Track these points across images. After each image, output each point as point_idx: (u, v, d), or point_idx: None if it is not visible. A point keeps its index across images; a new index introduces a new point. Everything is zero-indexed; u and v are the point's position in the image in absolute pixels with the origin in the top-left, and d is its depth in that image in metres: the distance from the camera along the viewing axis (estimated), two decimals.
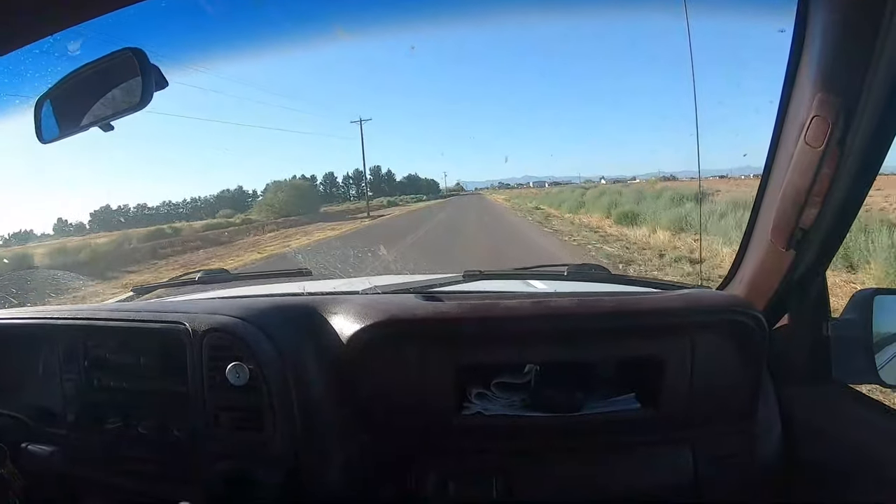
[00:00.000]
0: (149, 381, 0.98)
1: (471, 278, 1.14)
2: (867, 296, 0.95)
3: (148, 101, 0.75)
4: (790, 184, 0.78)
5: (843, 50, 0.69)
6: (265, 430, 0.88)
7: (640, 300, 0.92)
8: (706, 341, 0.88)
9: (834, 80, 0.70)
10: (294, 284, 1.30)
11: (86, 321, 1.03)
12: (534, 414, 0.90)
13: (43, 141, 0.97)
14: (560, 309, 0.90)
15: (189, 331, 0.91)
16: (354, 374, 0.91)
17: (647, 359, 0.90)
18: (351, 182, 28.94)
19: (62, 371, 1.05)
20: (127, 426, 0.99)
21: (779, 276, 0.88)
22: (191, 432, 0.93)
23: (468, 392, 0.93)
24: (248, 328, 0.89)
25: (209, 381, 0.90)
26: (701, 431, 0.91)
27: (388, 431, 0.93)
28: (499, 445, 0.91)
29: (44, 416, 1.06)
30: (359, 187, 27.93)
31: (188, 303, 1.11)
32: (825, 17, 0.70)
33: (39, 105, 0.95)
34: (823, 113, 0.70)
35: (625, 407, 0.90)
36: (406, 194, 27.14)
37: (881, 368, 0.92)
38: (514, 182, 29.21)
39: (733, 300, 0.92)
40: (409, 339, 0.90)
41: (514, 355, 0.91)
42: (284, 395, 0.87)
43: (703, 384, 0.88)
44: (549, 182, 27.48)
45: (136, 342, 0.99)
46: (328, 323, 0.94)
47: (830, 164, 0.72)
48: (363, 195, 25.67)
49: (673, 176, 17.69)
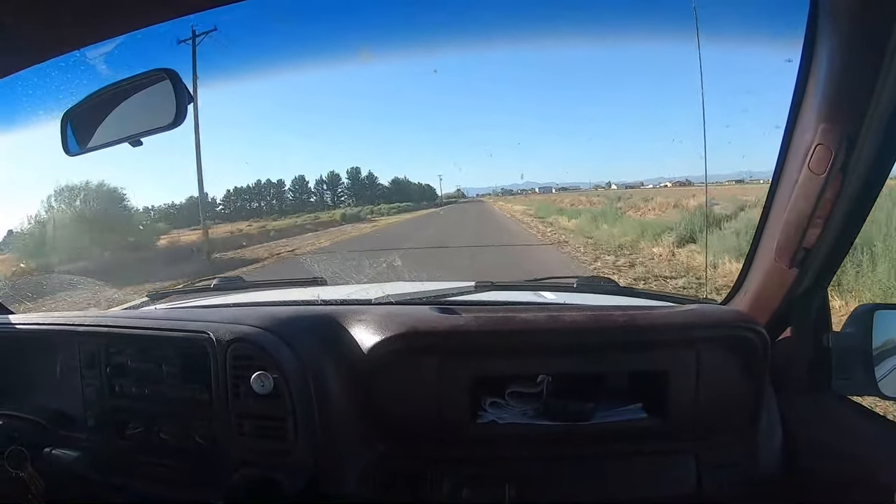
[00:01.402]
0: (170, 389, 1.00)
1: (482, 289, 1.17)
2: (868, 310, 0.98)
3: (181, 122, 0.78)
4: (794, 207, 0.81)
5: (847, 81, 0.72)
6: (287, 439, 0.90)
7: (650, 315, 0.95)
8: (711, 355, 0.91)
9: (838, 109, 0.74)
10: (307, 291, 1.33)
11: (108, 328, 1.06)
12: (546, 423, 0.93)
13: (69, 153, 0.99)
14: (575, 323, 0.93)
15: (213, 340, 0.93)
16: (373, 384, 0.94)
17: (654, 371, 0.93)
18: (325, 187, 24.31)
19: (84, 376, 1.07)
20: (148, 432, 1.01)
21: (782, 291, 0.91)
22: (213, 439, 0.96)
23: (482, 401, 0.96)
24: (271, 338, 0.92)
25: (233, 390, 0.92)
26: (705, 441, 0.94)
27: (405, 440, 0.95)
28: (511, 453, 0.94)
29: (65, 420, 1.08)
30: (335, 193, 23.81)
31: (208, 311, 1.13)
32: (830, 50, 0.73)
33: (65, 119, 0.98)
34: (827, 141, 0.74)
35: (632, 417, 0.93)
36: (392, 202, 22.71)
37: (881, 381, 0.95)
38: (517, 188, 27.49)
39: (737, 315, 0.96)
40: (427, 352, 0.93)
41: (529, 367, 0.94)
42: (306, 404, 0.90)
43: (708, 396, 0.92)
44: (556, 188, 24.83)
45: (159, 350, 1.01)
46: (348, 333, 0.97)
47: (833, 189, 0.76)
48: (340, 202, 22.25)
49: (688, 180, 16.86)
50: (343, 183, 24.16)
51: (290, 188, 24.41)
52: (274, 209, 22.05)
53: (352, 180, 24.88)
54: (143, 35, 0.88)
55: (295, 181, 24.55)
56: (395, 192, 24.34)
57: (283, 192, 23.87)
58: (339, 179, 24.10)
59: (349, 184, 24.39)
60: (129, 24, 0.86)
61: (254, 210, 21.92)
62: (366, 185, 24.81)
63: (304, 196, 24.02)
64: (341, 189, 24.02)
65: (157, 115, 0.81)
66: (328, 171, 24.50)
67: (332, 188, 23.90)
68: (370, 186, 24.76)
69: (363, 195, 23.81)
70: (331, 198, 23.76)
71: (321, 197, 23.99)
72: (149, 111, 0.82)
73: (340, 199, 23.39)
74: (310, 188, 24.35)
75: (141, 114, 0.83)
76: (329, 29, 2.46)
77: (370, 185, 24.96)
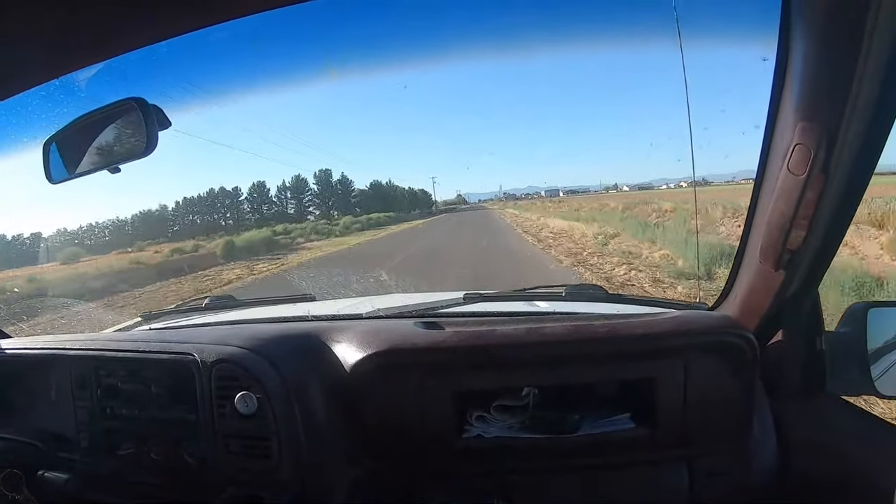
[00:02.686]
0: (159, 410, 1.01)
1: (471, 300, 1.17)
2: (861, 309, 0.96)
3: (152, 150, 0.78)
4: (775, 209, 0.79)
5: (823, 79, 0.70)
6: (272, 457, 0.91)
7: (632, 324, 0.94)
8: (699, 362, 0.90)
9: (815, 108, 0.72)
10: (298, 307, 1.33)
11: (98, 351, 1.07)
12: (532, 435, 0.93)
13: (52, 181, 1.00)
14: (554, 336, 0.93)
15: (198, 361, 0.94)
16: (357, 401, 0.94)
17: (641, 380, 0.92)
18: (289, 195, 20.11)
19: (76, 399, 1.08)
20: (139, 452, 1.02)
21: (770, 295, 0.90)
22: (202, 458, 0.97)
23: (468, 415, 0.95)
24: (255, 358, 0.92)
25: (218, 410, 0.93)
26: (696, 449, 0.93)
27: (392, 456, 0.95)
28: (499, 466, 0.94)
29: (59, 442, 1.09)
30: (300, 202, 19.69)
31: (196, 332, 1.14)
32: (805, 47, 0.71)
33: (47, 146, 0.99)
34: (805, 141, 0.72)
35: (620, 427, 0.92)
36: (372, 211, 18.69)
37: (877, 379, 0.93)
38: (520, 192, 24.25)
39: (725, 321, 0.94)
40: (408, 368, 0.93)
41: (511, 380, 0.94)
42: (291, 423, 0.90)
43: (697, 403, 0.90)
44: (564, 191, 22.85)
45: (147, 372, 1.02)
46: (331, 351, 0.97)
47: (814, 189, 0.74)
48: (306, 212, 18.27)
49: (705, 180, 15.83)
50: (311, 189, 20.08)
51: (248, 197, 20.29)
52: (235, 221, 18.38)
53: (321, 186, 20.53)
54: (118, 62, 0.89)
55: (254, 189, 20.41)
56: (375, 198, 20.03)
57: (239, 202, 20.00)
58: (305, 185, 20.00)
59: (318, 190, 20.27)
60: (105, 51, 0.87)
61: (193, 227, 17.59)
62: (338, 191, 20.35)
63: (265, 207, 19.78)
64: (309, 197, 19.91)
65: (131, 143, 0.81)
66: (293, 176, 20.33)
67: (298, 196, 19.87)
68: (343, 193, 20.36)
69: (340, 204, 19.58)
70: (296, 207, 19.80)
71: (284, 206, 19.86)
72: (123, 139, 0.82)
73: (308, 209, 19.43)
74: (271, 197, 20.22)
75: (116, 142, 0.84)
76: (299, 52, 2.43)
77: (343, 192, 20.46)
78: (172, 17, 0.75)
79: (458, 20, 1.53)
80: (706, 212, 9.63)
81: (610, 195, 19.22)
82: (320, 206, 20.41)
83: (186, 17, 0.75)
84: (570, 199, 20.02)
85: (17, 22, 0.71)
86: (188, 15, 0.75)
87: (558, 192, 22.75)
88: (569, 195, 21.59)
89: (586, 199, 18.93)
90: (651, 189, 18.55)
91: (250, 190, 21.12)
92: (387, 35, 1.70)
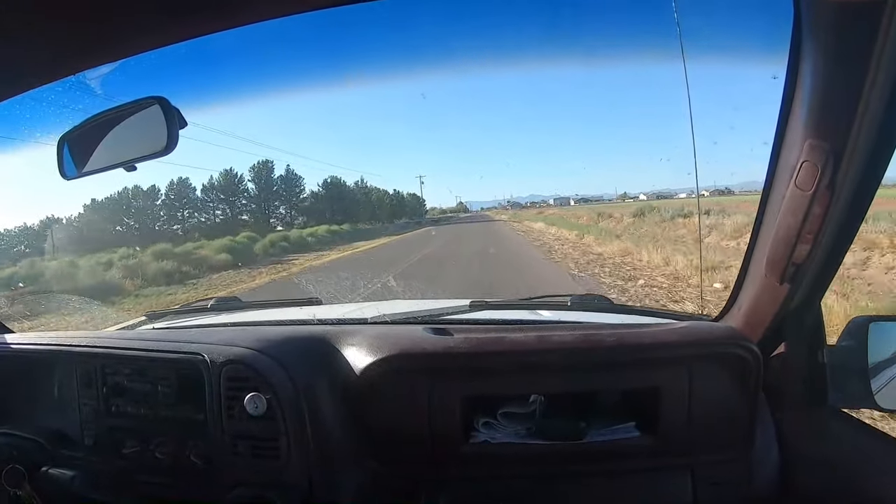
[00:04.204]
0: (166, 409, 1.01)
1: (477, 308, 1.18)
2: (862, 323, 0.98)
3: (173, 148, 0.79)
4: (782, 223, 0.81)
5: (831, 98, 0.72)
6: (281, 458, 0.91)
7: (640, 334, 0.95)
8: (703, 372, 0.91)
9: (823, 126, 0.74)
10: (304, 310, 1.33)
11: (104, 349, 1.07)
12: (538, 442, 0.93)
13: (66, 177, 1.00)
14: (563, 344, 0.94)
15: (207, 362, 0.94)
16: (365, 405, 0.95)
17: (646, 389, 0.93)
18: (218, 195, 14.64)
19: (80, 396, 1.08)
20: (144, 451, 1.02)
21: (774, 307, 0.91)
22: (208, 458, 0.96)
23: (475, 421, 0.96)
24: (265, 360, 0.93)
25: (227, 411, 0.93)
26: (699, 458, 0.94)
27: (399, 459, 0.96)
28: (505, 472, 0.94)
29: (63, 439, 1.09)
30: (232, 205, 14.32)
31: (204, 332, 1.14)
32: (814, 66, 0.73)
33: (61, 143, 0.99)
34: (813, 158, 0.74)
35: (625, 435, 0.93)
36: (326, 221, 13.89)
37: (877, 393, 0.95)
38: (525, 200, 21.77)
39: (729, 333, 0.95)
40: (418, 372, 0.93)
41: (519, 387, 0.95)
42: (300, 424, 0.90)
43: (701, 413, 0.91)
44: (576, 199, 20.37)
45: (154, 371, 1.02)
46: (340, 354, 0.98)
47: (821, 205, 0.76)
48: (237, 216, 13.72)
49: (728, 189, 14.87)
50: (247, 190, 14.00)
51: (165, 200, 14.03)
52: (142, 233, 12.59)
53: (257, 182, 14.35)
54: (136, 61, 0.90)
55: (173, 186, 13.92)
56: (332, 202, 13.82)
57: (156, 205, 13.87)
58: (241, 183, 13.91)
59: (254, 191, 14.24)
60: (124, 50, 0.88)
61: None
62: (280, 193, 14.31)
63: (187, 212, 13.83)
64: (244, 200, 13.85)
65: (150, 142, 0.82)
66: (222, 170, 14.11)
67: (230, 198, 13.95)
68: (285, 194, 14.08)
69: (279, 210, 12.98)
70: (227, 209, 13.79)
71: (212, 212, 14.02)
72: (142, 137, 0.83)
73: (237, 213, 13.43)
74: (197, 196, 13.92)
75: (134, 140, 0.84)
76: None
77: (286, 192, 14.17)
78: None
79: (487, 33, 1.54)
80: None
81: (626, 204, 17.56)
82: (255, 212, 15.11)
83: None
84: (573, 208, 17.94)
85: (19, 22, 0.72)
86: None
87: (569, 201, 20.98)
88: (581, 203, 19.77)
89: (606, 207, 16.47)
90: (670, 198, 17.42)
91: (169, 190, 15.25)
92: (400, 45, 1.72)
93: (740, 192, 13.36)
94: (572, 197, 21.69)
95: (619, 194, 21.10)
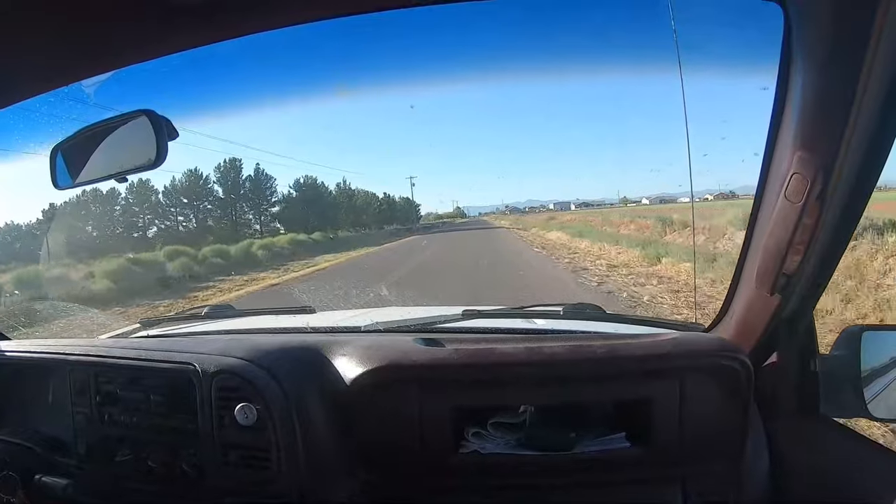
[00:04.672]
0: (158, 418, 1.01)
1: (469, 316, 1.18)
2: (856, 332, 0.97)
3: (163, 161, 0.79)
4: (772, 235, 0.81)
5: (821, 111, 0.72)
6: (271, 469, 0.91)
7: (631, 345, 0.95)
8: (694, 384, 0.91)
9: (813, 139, 0.73)
10: (297, 318, 1.33)
11: (97, 358, 1.07)
12: (529, 453, 0.93)
13: (58, 187, 1.01)
14: (554, 355, 0.94)
15: (198, 371, 0.94)
16: (356, 415, 0.95)
17: (637, 400, 0.93)
18: (180, 199, 12.57)
19: (74, 404, 1.08)
20: (137, 460, 1.02)
21: (766, 317, 0.91)
22: (199, 468, 0.97)
23: (465, 432, 0.96)
24: (256, 370, 0.93)
25: (218, 420, 0.93)
26: (690, 469, 0.94)
27: (389, 470, 0.96)
28: (495, 483, 0.94)
29: (56, 447, 1.09)
30: (197, 210, 12.49)
31: (197, 341, 1.14)
32: (804, 79, 0.73)
33: (54, 153, 1.00)
34: (802, 171, 0.74)
35: (616, 446, 0.93)
36: (300, 229, 12.36)
37: (869, 402, 0.95)
38: (523, 205, 21.37)
39: (720, 344, 0.95)
40: (407, 384, 0.93)
41: (509, 398, 0.95)
42: (290, 435, 0.91)
43: (692, 424, 0.91)
44: (577, 203, 19.68)
45: (147, 380, 1.02)
46: (332, 364, 0.98)
47: (811, 216, 0.76)
48: (203, 222, 12.06)
49: (733, 192, 14.54)
50: (211, 190, 12.36)
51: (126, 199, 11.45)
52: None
53: (224, 184, 12.30)
54: (127, 72, 0.90)
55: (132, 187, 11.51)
56: (304, 205, 11.95)
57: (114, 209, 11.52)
58: (206, 183, 12.02)
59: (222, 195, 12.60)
60: (117, 60, 0.88)
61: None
62: (247, 193, 12.46)
63: (149, 217, 11.51)
64: (205, 203, 12.26)
65: (140, 153, 0.82)
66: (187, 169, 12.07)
67: (195, 200, 11.96)
68: (252, 197, 12.27)
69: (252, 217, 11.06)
70: (148, 215, 11.50)
71: (174, 221, 11.92)
72: (132, 149, 0.83)
73: (206, 221, 11.70)
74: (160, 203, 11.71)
75: (125, 152, 0.85)
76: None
77: (253, 194, 12.40)
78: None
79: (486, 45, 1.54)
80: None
81: (628, 209, 16.62)
82: (222, 218, 13.49)
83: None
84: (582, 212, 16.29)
85: (12, 32, 0.72)
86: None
87: (570, 206, 20.49)
88: (582, 208, 19.15)
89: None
90: (673, 202, 16.92)
91: (129, 190, 13.30)
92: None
93: (743, 196, 13.22)
94: (573, 201, 21.18)
95: (621, 198, 20.65)
